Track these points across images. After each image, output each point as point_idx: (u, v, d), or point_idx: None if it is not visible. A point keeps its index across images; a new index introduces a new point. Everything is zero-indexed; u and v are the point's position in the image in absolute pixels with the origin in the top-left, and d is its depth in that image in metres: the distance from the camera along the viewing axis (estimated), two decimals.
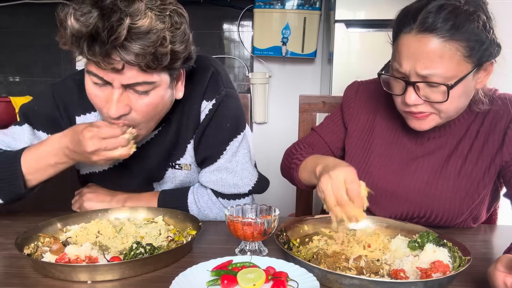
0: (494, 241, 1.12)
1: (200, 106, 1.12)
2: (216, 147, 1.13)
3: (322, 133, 1.29)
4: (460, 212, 1.08)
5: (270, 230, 0.91)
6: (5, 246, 0.97)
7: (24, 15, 2.84)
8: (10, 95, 2.74)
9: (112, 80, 0.91)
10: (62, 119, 1.13)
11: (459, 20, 0.93)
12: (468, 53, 0.94)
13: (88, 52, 0.86)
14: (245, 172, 1.15)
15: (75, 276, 0.80)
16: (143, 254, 0.86)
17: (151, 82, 0.93)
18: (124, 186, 1.20)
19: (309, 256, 0.90)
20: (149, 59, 0.88)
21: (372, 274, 0.82)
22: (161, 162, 1.16)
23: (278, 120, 2.86)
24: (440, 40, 0.93)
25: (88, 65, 0.93)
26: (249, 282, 0.74)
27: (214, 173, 1.13)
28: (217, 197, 1.14)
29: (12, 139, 1.11)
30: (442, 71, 0.94)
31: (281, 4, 2.59)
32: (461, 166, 1.09)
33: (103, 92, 0.94)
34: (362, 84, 1.28)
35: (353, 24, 2.09)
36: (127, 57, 0.86)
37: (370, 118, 1.22)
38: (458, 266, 0.82)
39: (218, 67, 1.15)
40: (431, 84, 0.96)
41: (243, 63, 2.82)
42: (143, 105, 0.96)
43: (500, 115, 1.07)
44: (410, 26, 0.96)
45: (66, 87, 1.14)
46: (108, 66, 0.88)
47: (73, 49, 0.89)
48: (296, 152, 1.22)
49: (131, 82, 0.92)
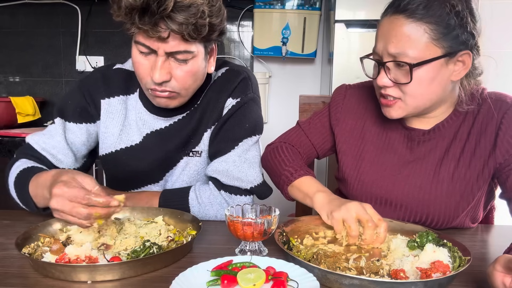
0: (494, 241, 1.12)
1: (225, 102, 1.22)
2: (230, 142, 1.19)
3: (309, 132, 1.28)
4: (455, 215, 1.08)
5: (270, 230, 0.91)
6: (5, 246, 0.97)
7: (24, 15, 2.84)
8: (10, 95, 2.76)
9: (157, 48, 1.04)
10: (89, 105, 1.24)
11: (430, 3, 0.97)
12: (437, 36, 0.97)
13: (139, 22, 0.99)
14: (251, 171, 1.17)
15: (75, 276, 0.80)
16: (155, 253, 0.87)
17: (191, 51, 1.06)
18: (138, 170, 1.25)
19: (309, 256, 0.90)
20: (190, 29, 1.01)
21: (372, 274, 0.82)
22: (179, 148, 1.24)
23: (278, 120, 2.86)
24: (409, 21, 0.97)
25: (136, 36, 1.05)
26: (249, 282, 0.74)
27: (222, 163, 1.17)
28: (219, 190, 1.16)
29: (48, 138, 1.21)
30: (410, 52, 0.97)
31: (281, 4, 2.59)
32: (454, 170, 1.08)
33: (148, 61, 1.07)
34: (350, 88, 1.27)
35: (353, 24, 2.10)
36: (173, 26, 0.99)
37: (359, 123, 1.21)
38: (458, 266, 0.82)
39: (250, 75, 1.28)
40: (399, 64, 0.99)
41: (243, 63, 2.82)
42: (182, 73, 1.08)
43: (490, 116, 1.06)
44: (387, 11, 1.02)
45: (91, 78, 1.27)
46: (155, 34, 1.00)
47: (126, 20, 1.02)
48: (287, 163, 1.18)
49: (173, 50, 1.04)
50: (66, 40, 2.85)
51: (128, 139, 1.25)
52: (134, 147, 1.25)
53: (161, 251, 0.88)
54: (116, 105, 1.24)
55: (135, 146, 1.25)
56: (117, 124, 1.25)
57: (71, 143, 1.22)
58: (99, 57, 2.85)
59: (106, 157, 1.27)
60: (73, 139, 1.22)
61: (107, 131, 1.25)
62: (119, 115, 1.25)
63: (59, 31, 2.85)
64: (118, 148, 1.25)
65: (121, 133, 1.25)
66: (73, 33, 2.82)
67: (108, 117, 1.24)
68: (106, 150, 1.27)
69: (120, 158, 1.26)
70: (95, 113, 1.25)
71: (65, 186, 0.88)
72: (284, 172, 1.16)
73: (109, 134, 1.25)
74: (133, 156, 1.25)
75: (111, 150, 1.26)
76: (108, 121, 1.25)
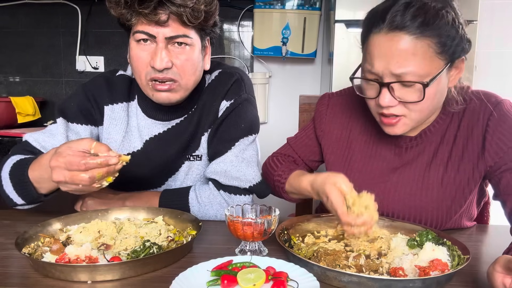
0: (494, 241, 1.12)
1: (219, 104, 1.23)
2: (226, 142, 1.19)
3: (295, 146, 1.28)
4: (448, 218, 1.08)
5: (270, 230, 0.91)
6: (5, 246, 0.97)
7: (24, 15, 2.84)
8: (10, 95, 2.76)
9: (157, 34, 1.07)
10: (93, 109, 1.25)
11: (428, 17, 0.92)
12: (440, 50, 0.93)
13: (139, 7, 1.02)
14: (249, 170, 1.18)
15: (75, 276, 0.80)
16: (155, 253, 0.87)
17: (189, 36, 1.10)
18: (140, 176, 1.26)
19: (310, 254, 0.90)
20: (188, 12, 1.05)
21: (371, 272, 0.83)
22: (180, 152, 1.25)
23: (278, 120, 2.86)
24: (411, 38, 0.92)
25: (135, 27, 1.08)
26: (249, 282, 0.74)
27: (220, 164, 1.18)
28: (219, 190, 1.17)
29: (48, 136, 1.19)
30: (416, 69, 0.93)
31: (281, 4, 2.59)
32: (443, 174, 1.06)
33: (148, 51, 1.09)
34: (332, 97, 1.26)
35: (353, 24, 2.09)
36: (172, 8, 1.04)
37: (345, 133, 1.20)
38: (457, 264, 0.82)
39: (243, 76, 1.27)
40: (405, 83, 0.94)
41: (243, 63, 2.82)
42: (182, 61, 1.11)
43: (475, 118, 1.05)
44: (380, 26, 0.95)
45: (95, 83, 1.28)
46: (155, 18, 1.04)
47: (126, 9, 1.05)
48: (276, 168, 1.20)
49: (173, 34, 1.08)
50: (66, 40, 2.85)
51: (130, 145, 1.25)
52: (136, 153, 1.25)
53: (161, 251, 0.88)
54: (119, 112, 1.25)
55: (137, 152, 1.25)
56: (120, 131, 1.25)
57: None
58: (99, 57, 2.85)
59: None
60: None
61: (110, 137, 1.25)
62: (121, 121, 1.25)
63: (59, 31, 2.85)
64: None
65: (123, 140, 1.25)
66: (73, 33, 2.82)
67: (111, 124, 1.25)
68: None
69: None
70: (99, 118, 1.25)
71: (60, 157, 0.88)
72: (275, 179, 1.17)
73: (111, 141, 1.25)
74: (136, 162, 1.23)
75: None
76: (111, 127, 1.25)
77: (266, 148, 1.54)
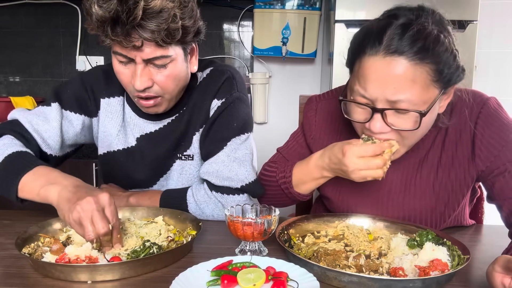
0: (493, 241, 1.12)
1: (210, 103, 1.21)
2: (218, 142, 1.18)
3: (288, 155, 1.23)
4: (442, 221, 1.08)
5: (270, 230, 0.91)
6: (5, 246, 0.97)
7: (24, 15, 2.84)
8: (10, 95, 2.75)
9: (135, 57, 1.04)
10: (90, 100, 1.24)
11: (428, 42, 0.86)
12: (437, 77, 0.89)
13: (112, 33, 0.98)
14: (241, 169, 1.16)
15: (75, 276, 0.80)
16: (155, 253, 0.87)
17: (168, 56, 1.05)
18: (133, 172, 1.26)
19: (310, 254, 0.91)
20: (163, 34, 1.00)
21: (371, 272, 0.83)
22: (170, 151, 1.24)
23: (278, 120, 2.86)
24: (411, 63, 0.86)
25: (113, 47, 1.06)
26: (249, 282, 0.74)
27: (212, 165, 1.17)
28: (211, 191, 1.16)
29: (42, 120, 1.17)
30: (412, 97, 0.88)
31: (281, 4, 2.59)
32: (434, 180, 1.05)
33: (129, 69, 1.08)
34: (320, 101, 1.21)
35: (353, 24, 2.10)
36: (145, 35, 0.99)
37: (335, 138, 1.14)
38: (457, 264, 0.83)
39: (234, 74, 1.25)
40: (400, 111, 0.90)
41: (243, 63, 2.82)
42: (163, 77, 1.08)
43: (463, 121, 1.02)
44: (376, 48, 0.88)
45: (93, 74, 1.27)
46: (129, 44, 1.00)
47: (99, 32, 1.01)
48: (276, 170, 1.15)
49: (150, 56, 1.04)
50: (66, 40, 2.86)
51: (125, 140, 1.25)
52: (131, 149, 1.25)
53: (161, 251, 0.88)
54: (115, 106, 1.25)
55: (131, 148, 1.25)
56: (115, 125, 1.25)
57: (65, 131, 1.20)
58: (99, 57, 2.85)
59: (104, 157, 1.28)
60: (67, 128, 1.21)
61: (106, 131, 1.25)
62: (117, 115, 1.25)
63: (59, 31, 2.85)
64: (115, 149, 1.26)
65: (118, 134, 1.25)
66: (73, 33, 2.82)
67: (106, 117, 1.25)
68: (105, 150, 1.27)
69: (117, 159, 1.26)
70: (94, 109, 1.25)
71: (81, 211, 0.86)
72: (281, 181, 1.12)
73: (107, 134, 1.25)
74: (130, 158, 1.25)
75: (109, 150, 1.27)
76: (107, 120, 1.25)
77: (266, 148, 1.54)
